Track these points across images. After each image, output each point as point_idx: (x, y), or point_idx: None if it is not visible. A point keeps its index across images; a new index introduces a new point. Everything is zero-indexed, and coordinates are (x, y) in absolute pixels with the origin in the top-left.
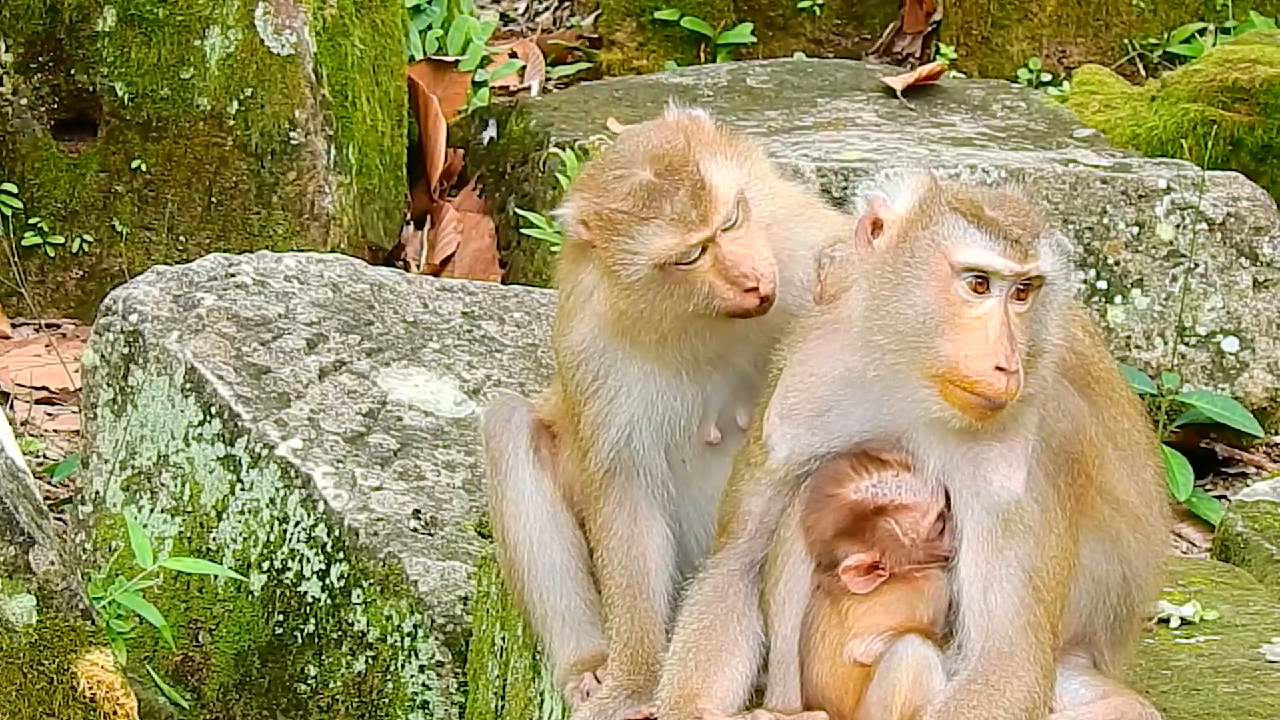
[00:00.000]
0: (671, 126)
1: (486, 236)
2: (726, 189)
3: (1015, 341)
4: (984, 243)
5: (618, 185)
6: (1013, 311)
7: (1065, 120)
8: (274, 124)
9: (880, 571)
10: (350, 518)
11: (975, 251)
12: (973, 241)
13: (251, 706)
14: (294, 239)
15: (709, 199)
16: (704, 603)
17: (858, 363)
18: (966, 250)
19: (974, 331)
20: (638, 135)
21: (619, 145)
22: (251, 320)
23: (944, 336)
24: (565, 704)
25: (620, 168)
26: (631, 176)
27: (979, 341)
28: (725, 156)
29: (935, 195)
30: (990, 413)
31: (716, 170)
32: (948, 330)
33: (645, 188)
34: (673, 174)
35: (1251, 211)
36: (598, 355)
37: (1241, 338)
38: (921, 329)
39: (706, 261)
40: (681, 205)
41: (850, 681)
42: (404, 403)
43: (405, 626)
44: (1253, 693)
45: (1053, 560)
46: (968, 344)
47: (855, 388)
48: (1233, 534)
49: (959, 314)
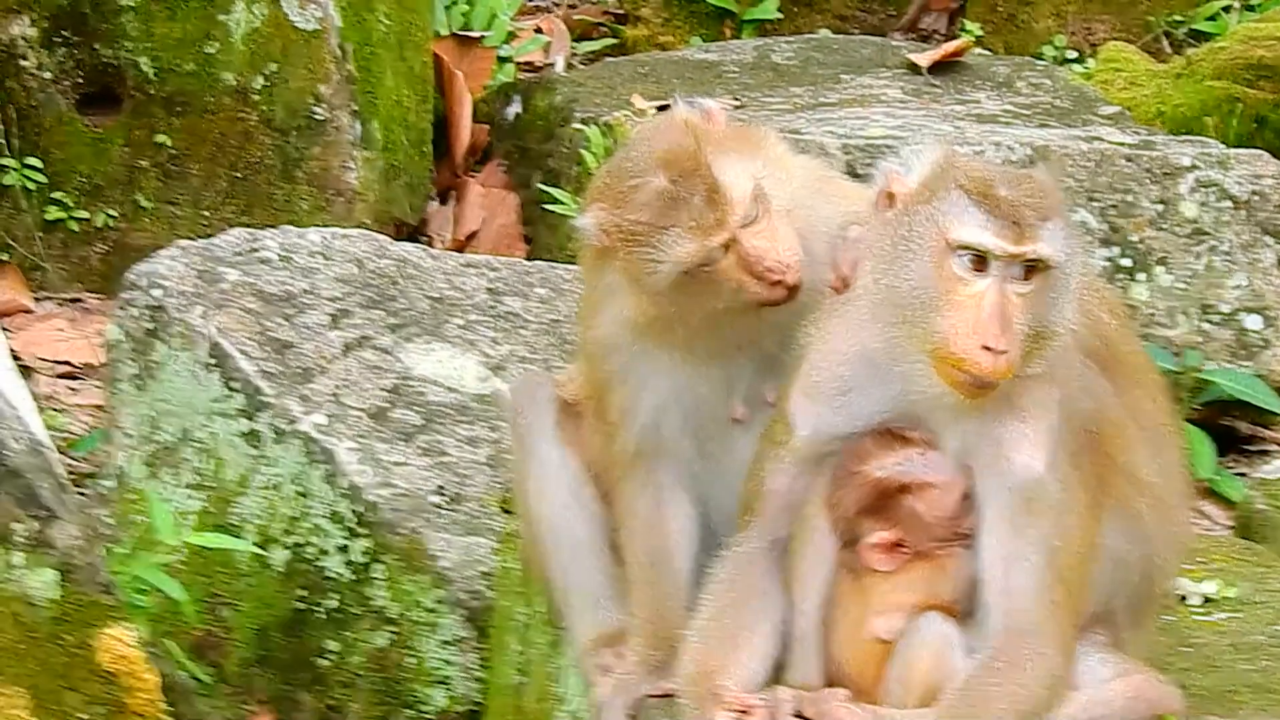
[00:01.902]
0: (680, 126)
1: (511, 212)
2: (741, 186)
3: (1009, 322)
4: (980, 221)
5: (634, 195)
6: (1013, 292)
7: (1090, 97)
8: (299, 99)
9: (903, 549)
10: (372, 493)
11: (970, 230)
12: (969, 220)
13: (272, 682)
14: (318, 214)
15: (725, 200)
16: (727, 580)
17: (869, 338)
18: (961, 228)
19: (965, 309)
20: (648, 138)
21: (631, 150)
22: (275, 295)
23: (938, 312)
24: (586, 679)
25: (634, 176)
26: (646, 185)
27: (969, 320)
28: (737, 151)
29: (945, 170)
30: (979, 391)
31: (729, 168)
32: (942, 306)
33: (661, 196)
34: (687, 179)
35: (1276, 189)
36: (625, 349)
37: (1265, 315)
38: (918, 304)
39: (731, 260)
40: (698, 210)
41: (871, 658)
42: (427, 378)
43: (427, 602)
44: (1273, 670)
45: (1074, 540)
46: (958, 321)
47: (870, 365)
48: (1254, 511)
49: (954, 290)
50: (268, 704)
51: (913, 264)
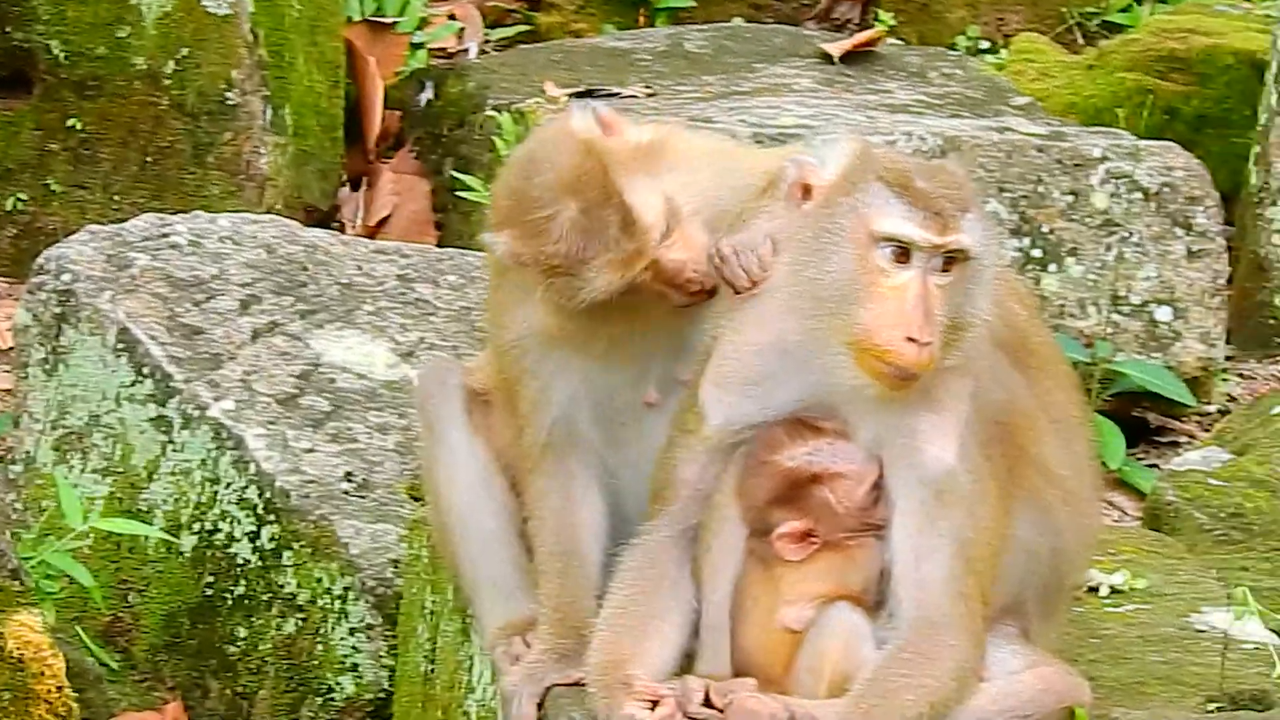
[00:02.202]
0: (581, 147)
1: (422, 199)
2: (653, 206)
3: (931, 313)
4: (904, 213)
5: (548, 227)
6: (934, 283)
7: (1002, 88)
8: (210, 84)
9: (813, 539)
10: (282, 480)
11: (894, 222)
12: (893, 211)
13: (180, 668)
14: (229, 199)
15: (641, 228)
16: (636, 569)
17: (785, 329)
18: (885, 220)
19: (889, 301)
20: (550, 159)
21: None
22: (185, 281)
23: (860, 304)
24: (495, 667)
25: (545, 206)
26: (559, 216)
27: (892, 311)
28: (643, 169)
29: (863, 162)
30: (902, 383)
31: (639, 188)
32: (864, 298)
33: (575, 228)
34: (599, 208)
35: (1186, 181)
36: (537, 348)
37: (1175, 307)
38: (840, 296)
39: (649, 275)
40: (615, 241)
41: (781, 648)
42: (337, 365)
43: (336, 589)
44: (1181, 661)
45: (985, 531)
46: (881, 313)
47: (786, 355)
48: (1163, 503)
49: (876, 283)
50: (176, 690)
51: (834, 256)
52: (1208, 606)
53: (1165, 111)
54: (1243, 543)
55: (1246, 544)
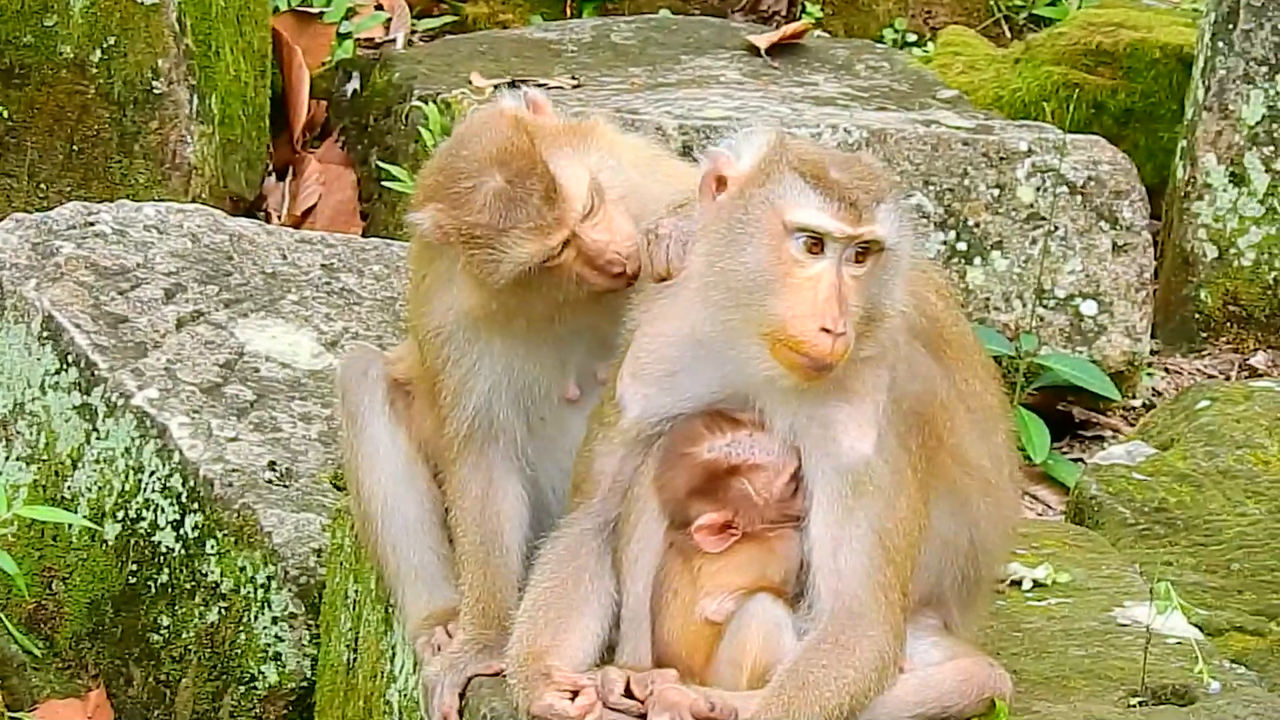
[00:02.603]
0: (510, 121)
1: (348, 189)
2: (578, 181)
3: (846, 304)
4: (817, 204)
5: (471, 196)
6: (848, 274)
7: (928, 81)
8: (137, 73)
9: (733, 531)
10: (205, 468)
11: (808, 212)
12: (806, 202)
13: (104, 656)
14: (155, 188)
15: (563, 198)
16: (556, 561)
17: (700, 321)
18: (799, 210)
19: (803, 292)
20: (480, 133)
21: (462, 147)
22: (110, 269)
23: (774, 295)
24: (416, 657)
25: (469, 176)
26: (483, 186)
27: (806, 302)
28: (570, 145)
29: (778, 154)
30: (816, 374)
31: (564, 163)
32: (778, 289)
33: (499, 197)
34: (523, 178)
35: (1112, 175)
36: (459, 335)
37: (1100, 301)
38: (754, 287)
39: (570, 254)
40: (537, 210)
41: (701, 640)
42: (261, 354)
43: (259, 578)
44: (1104, 656)
45: (903, 522)
46: (796, 304)
47: (700, 347)
48: (1087, 497)
49: (790, 273)
50: (99, 678)
51: (748, 247)
52: (1130, 601)
53: (1092, 105)
54: (1166, 537)
55: (1170, 538)
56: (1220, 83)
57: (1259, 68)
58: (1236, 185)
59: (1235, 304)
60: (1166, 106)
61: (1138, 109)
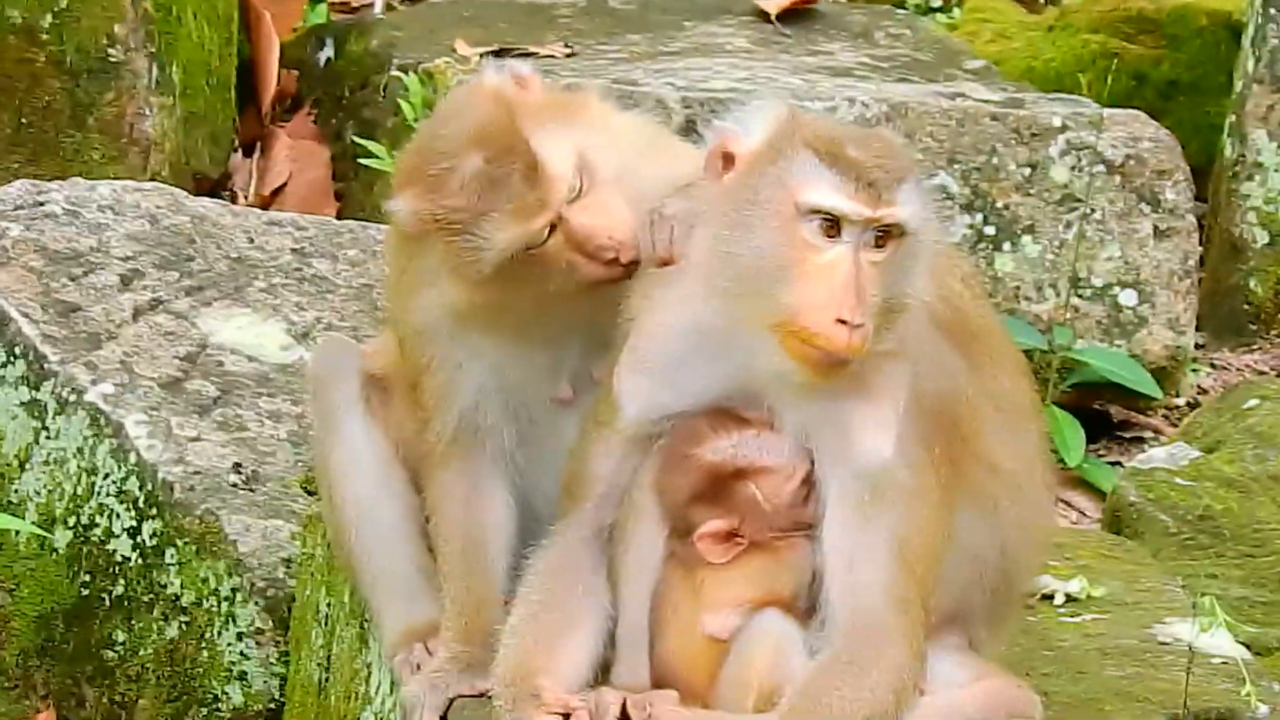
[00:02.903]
0: (492, 96)
1: (321, 166)
2: (563, 159)
3: (864, 293)
4: (834, 183)
5: (448, 179)
6: (866, 260)
7: (954, 50)
8: (91, 40)
9: (739, 539)
10: (165, 471)
11: (823, 192)
12: (821, 181)
13: (54, 674)
14: (111, 165)
15: (546, 177)
16: (547, 572)
17: (704, 311)
18: (813, 190)
19: (818, 280)
20: (457, 112)
21: (440, 127)
22: (61, 253)
23: (786, 283)
24: (394, 676)
25: (447, 157)
26: (460, 167)
27: (822, 291)
28: (556, 120)
29: (790, 129)
30: (832, 369)
31: (549, 140)
32: (791, 276)
33: (477, 178)
34: (503, 157)
35: (1154, 153)
36: (444, 334)
37: (1140, 290)
38: (763, 274)
39: (558, 240)
40: (518, 191)
41: (704, 658)
42: (226, 346)
43: (223, 590)
44: (1142, 676)
45: (925, 531)
46: (810, 293)
47: (704, 339)
48: (1125, 504)
49: (804, 259)
50: (49, 698)
51: (757, 230)
52: (1172, 617)
53: (1132, 77)
54: (1210, 548)
55: (1215, 549)
56: (1272, 53)
57: None
58: None
59: None
60: (1213, 78)
61: (1182, 81)
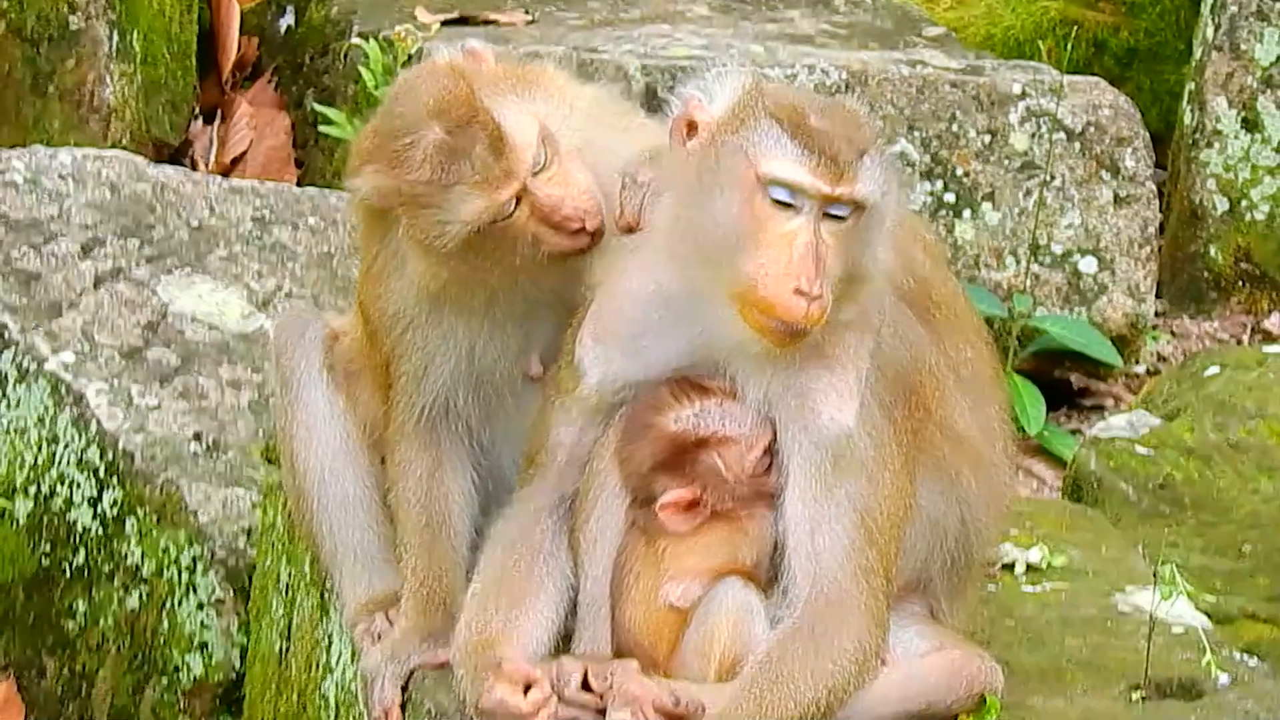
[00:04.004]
0: (447, 71)
1: (281, 134)
2: (526, 130)
3: (822, 264)
4: (795, 155)
5: (409, 153)
6: (826, 231)
7: (914, 18)
8: (50, 7)
9: (700, 509)
10: (126, 439)
11: (783, 164)
12: (783, 153)
13: (14, 645)
14: (72, 133)
15: (510, 148)
16: (508, 541)
17: (666, 279)
18: (774, 161)
19: (776, 249)
20: (415, 88)
21: (398, 104)
22: (21, 222)
23: (745, 252)
24: (355, 647)
25: (407, 133)
26: (422, 141)
27: (780, 261)
28: (516, 92)
29: (754, 98)
30: (790, 339)
31: (510, 112)
32: (750, 246)
33: (440, 151)
34: (464, 128)
35: (1113, 121)
36: (417, 311)
37: (1100, 258)
38: (724, 243)
39: (524, 212)
40: (482, 162)
41: (665, 627)
42: (186, 315)
43: (183, 559)
44: (1103, 646)
45: (887, 500)
46: (768, 263)
47: (666, 308)
48: (1086, 472)
49: (763, 229)
50: (9, 669)
51: (718, 199)
52: (1133, 586)
53: (1092, 44)
54: (1171, 516)
55: (1175, 517)
56: (1231, 20)
57: (1273, 4)
58: (1249, 131)
59: (1247, 261)
60: (1173, 46)
61: (1141, 48)
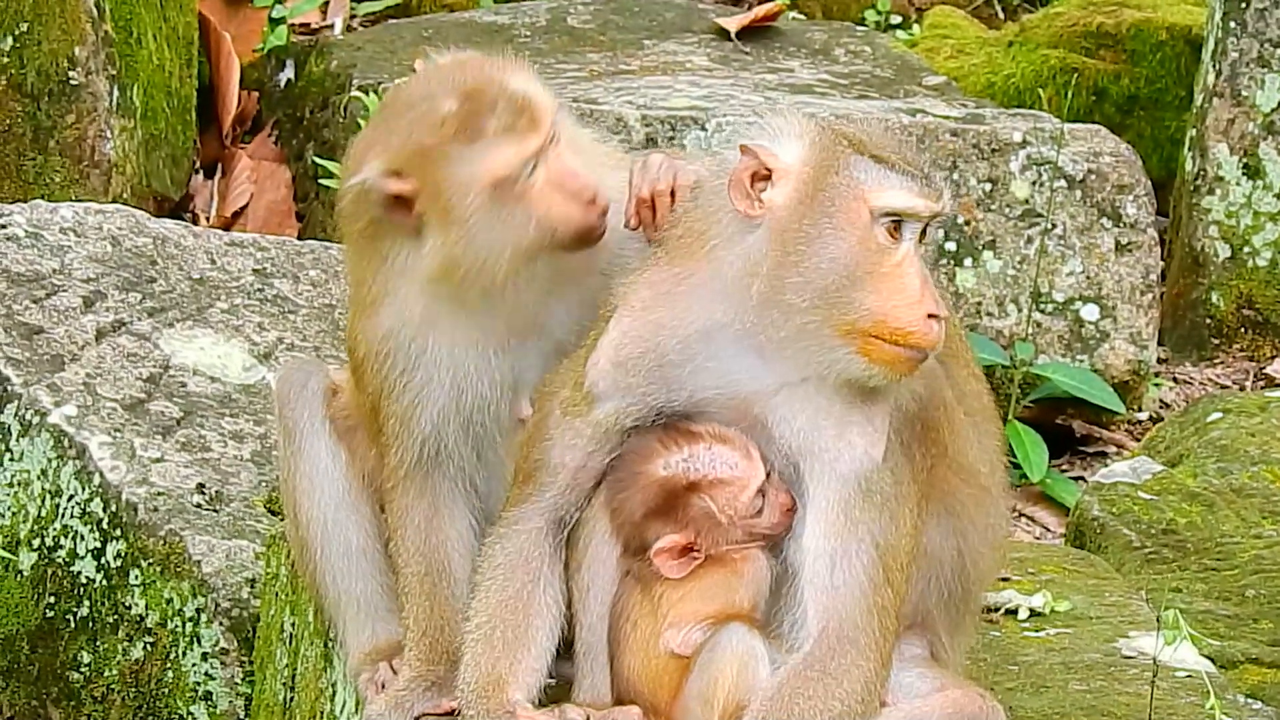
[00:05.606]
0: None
1: (282, 187)
2: (545, 97)
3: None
4: (900, 183)
5: (426, 119)
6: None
7: (914, 66)
8: (51, 62)
9: (695, 554)
10: (129, 492)
11: (895, 194)
12: (890, 184)
13: (19, 696)
14: (73, 187)
15: (532, 105)
16: (506, 568)
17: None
18: (886, 193)
19: (897, 279)
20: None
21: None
22: (23, 275)
23: (866, 289)
24: (359, 696)
25: (418, 104)
26: (438, 107)
27: (907, 289)
28: None
29: (834, 138)
30: (916, 365)
31: (528, 81)
32: (870, 281)
33: (459, 112)
34: (483, 92)
35: (1114, 168)
36: (407, 343)
37: (1102, 305)
38: (843, 283)
39: (540, 177)
40: (506, 115)
41: (666, 675)
42: (188, 367)
43: (187, 610)
44: (1106, 691)
45: (904, 539)
46: (894, 293)
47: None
48: (1088, 518)
49: (880, 263)
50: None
51: (834, 241)
52: (1136, 631)
53: (1092, 92)
54: (1174, 561)
55: (1178, 563)
56: (1232, 66)
57: (1274, 50)
58: (1250, 178)
59: (1250, 307)
60: (1174, 93)
61: (1142, 95)
